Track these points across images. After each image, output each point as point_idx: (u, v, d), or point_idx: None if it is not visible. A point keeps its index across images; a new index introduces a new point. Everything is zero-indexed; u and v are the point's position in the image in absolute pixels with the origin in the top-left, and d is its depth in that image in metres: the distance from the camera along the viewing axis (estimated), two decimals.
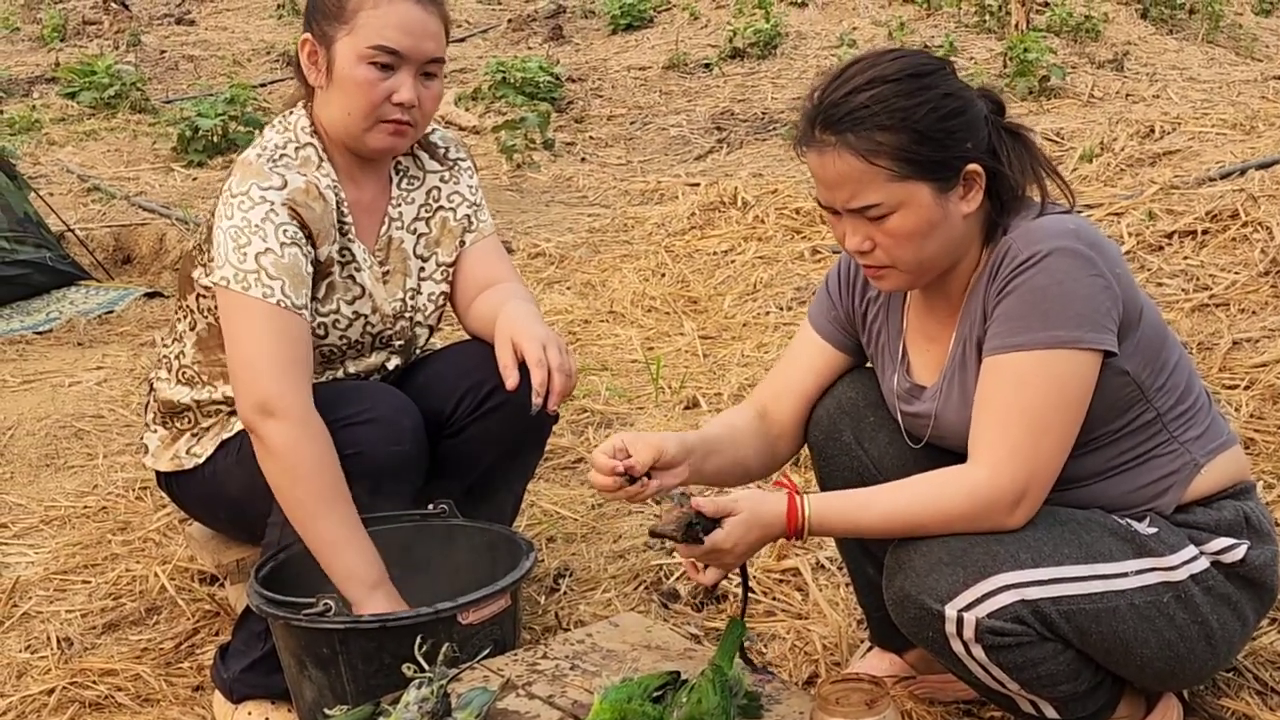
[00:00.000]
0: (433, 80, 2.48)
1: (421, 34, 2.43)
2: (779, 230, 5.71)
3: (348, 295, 2.52)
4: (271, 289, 2.35)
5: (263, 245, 2.36)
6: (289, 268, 2.37)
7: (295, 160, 2.47)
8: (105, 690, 2.72)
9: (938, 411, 2.14)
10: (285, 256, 2.37)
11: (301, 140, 2.50)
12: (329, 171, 2.49)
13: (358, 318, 2.54)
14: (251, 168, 2.43)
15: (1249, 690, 2.30)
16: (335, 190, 2.49)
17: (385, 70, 2.41)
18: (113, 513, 3.60)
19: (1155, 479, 2.09)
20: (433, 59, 2.46)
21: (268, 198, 2.38)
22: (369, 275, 2.54)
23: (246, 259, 2.36)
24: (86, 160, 8.43)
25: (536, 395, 2.29)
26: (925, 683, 2.39)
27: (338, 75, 2.43)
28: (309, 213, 2.41)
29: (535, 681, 2.15)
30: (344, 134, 2.48)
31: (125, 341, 5.48)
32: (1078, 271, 1.95)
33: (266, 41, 12.50)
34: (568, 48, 11.47)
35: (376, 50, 2.40)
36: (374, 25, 2.40)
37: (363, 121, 2.44)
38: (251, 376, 2.34)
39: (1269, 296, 4.17)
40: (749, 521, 2.01)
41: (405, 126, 2.46)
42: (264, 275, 2.35)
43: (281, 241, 2.37)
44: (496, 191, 7.26)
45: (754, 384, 4.04)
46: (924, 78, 1.98)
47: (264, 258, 2.36)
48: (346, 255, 2.52)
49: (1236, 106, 7.00)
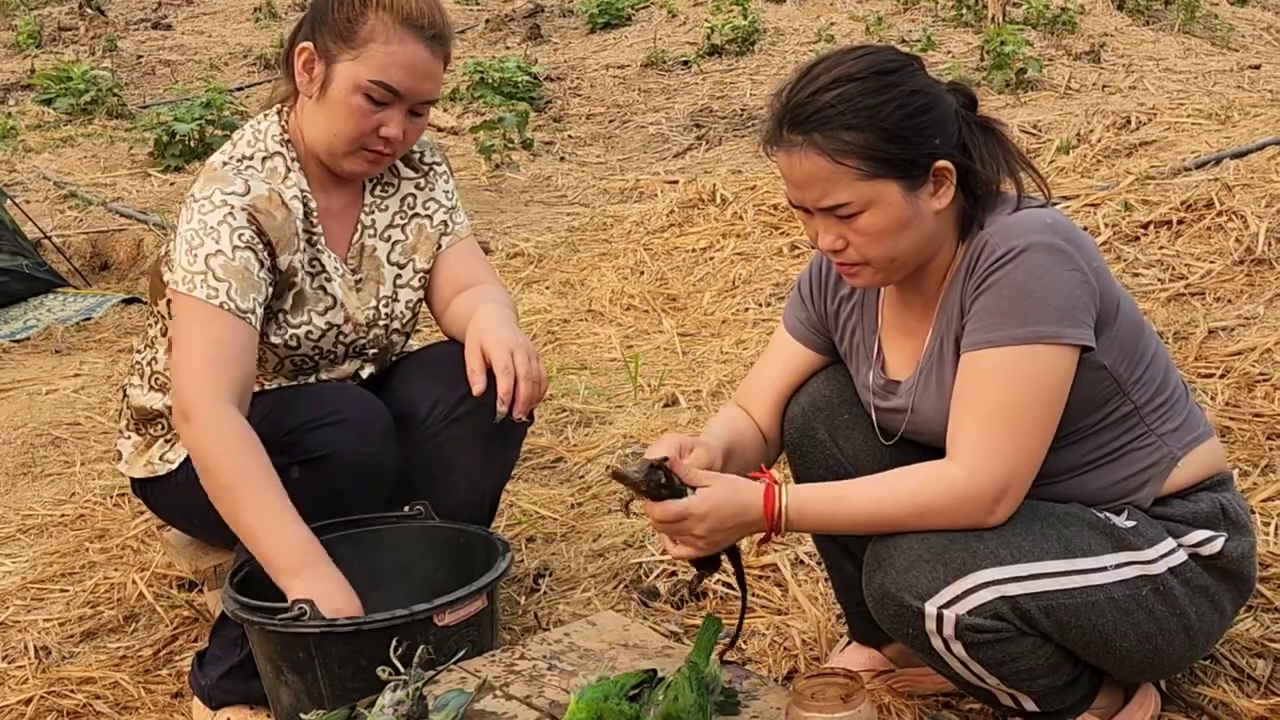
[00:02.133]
0: (420, 117, 2.48)
1: (424, 76, 2.43)
2: (757, 227, 5.70)
3: (319, 306, 2.52)
4: (216, 290, 2.35)
5: (214, 247, 2.36)
6: (238, 271, 2.36)
7: (261, 171, 2.46)
8: (84, 699, 2.71)
9: (913, 406, 2.14)
10: (236, 260, 2.36)
11: (270, 149, 2.49)
12: (298, 180, 2.48)
13: (330, 328, 2.53)
14: (216, 174, 2.43)
15: (1226, 678, 2.31)
16: (304, 199, 2.48)
17: (379, 104, 2.41)
18: (90, 520, 3.58)
19: (1133, 472, 2.09)
20: (427, 100, 2.46)
21: (229, 202, 2.38)
22: (340, 285, 2.54)
23: (196, 260, 2.36)
24: (63, 167, 8.39)
25: (501, 403, 2.29)
26: (904, 676, 2.39)
27: (331, 95, 2.42)
28: (268, 220, 2.41)
29: (513, 682, 2.14)
30: (323, 151, 2.47)
31: (103, 348, 5.46)
32: (1055, 266, 1.95)
33: (244, 45, 12.45)
34: (546, 47, 11.45)
35: (376, 85, 2.39)
36: (380, 61, 2.39)
37: (345, 145, 2.44)
38: (177, 380, 2.35)
39: (1244, 285, 4.19)
40: (724, 495, 1.99)
41: (384, 156, 2.47)
42: (210, 277, 2.35)
43: (234, 245, 2.37)
44: (475, 192, 7.25)
45: (733, 380, 4.06)
46: (890, 75, 1.98)
47: (214, 259, 2.36)
48: (316, 266, 2.51)
49: (1212, 96, 7.03)
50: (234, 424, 2.29)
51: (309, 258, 2.50)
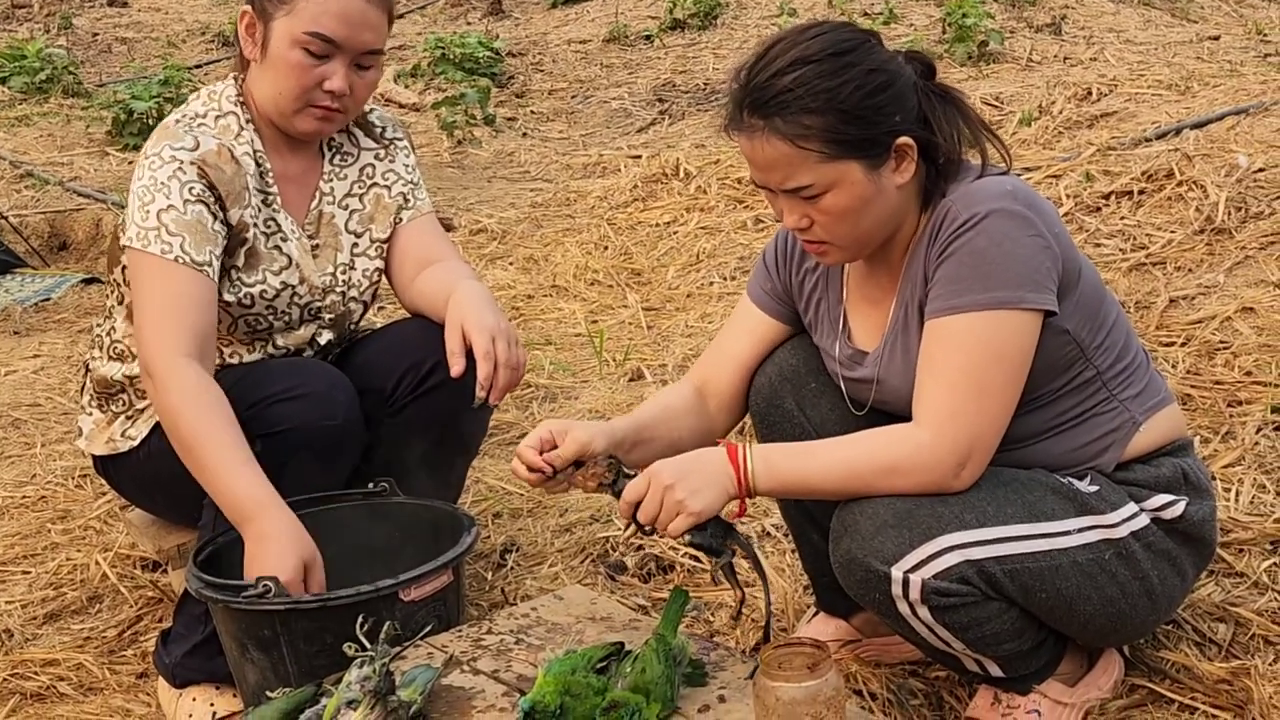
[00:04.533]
0: (368, 70, 2.47)
1: (360, 24, 2.41)
2: (721, 200, 5.70)
3: (274, 266, 2.51)
4: (170, 244, 2.35)
5: (166, 202, 2.37)
6: (191, 224, 2.37)
7: (213, 128, 2.46)
8: (47, 680, 2.69)
9: (880, 376, 2.15)
10: (188, 213, 2.37)
11: (224, 109, 2.49)
12: (250, 139, 2.48)
13: (285, 288, 2.52)
14: (167, 131, 2.44)
15: (1188, 642, 2.33)
16: (256, 158, 2.48)
17: (319, 57, 2.40)
18: (52, 502, 3.55)
19: (1096, 437, 2.10)
20: (369, 50, 2.44)
21: (178, 157, 2.39)
22: (296, 246, 2.53)
23: (149, 216, 2.37)
24: (19, 146, 8.29)
25: (481, 388, 2.28)
26: (871, 645, 2.41)
27: (272, 54, 2.42)
28: (218, 174, 2.41)
29: (480, 657, 2.14)
30: (273, 111, 2.47)
31: (62, 329, 5.41)
32: (1016, 232, 1.95)
33: (201, 22, 12.32)
34: (507, 22, 11.38)
35: (312, 37, 2.38)
36: (312, 11, 2.38)
37: (292, 104, 2.44)
38: (140, 336, 2.36)
39: (1204, 254, 4.21)
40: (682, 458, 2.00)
41: (334, 113, 2.46)
42: (164, 232, 2.36)
43: (185, 199, 2.37)
44: (438, 168, 7.21)
45: (698, 354, 4.04)
46: (847, 55, 1.97)
47: (165, 214, 2.36)
48: (273, 225, 2.51)
49: (1172, 67, 7.05)
50: (193, 377, 2.29)
51: (265, 217, 2.49)
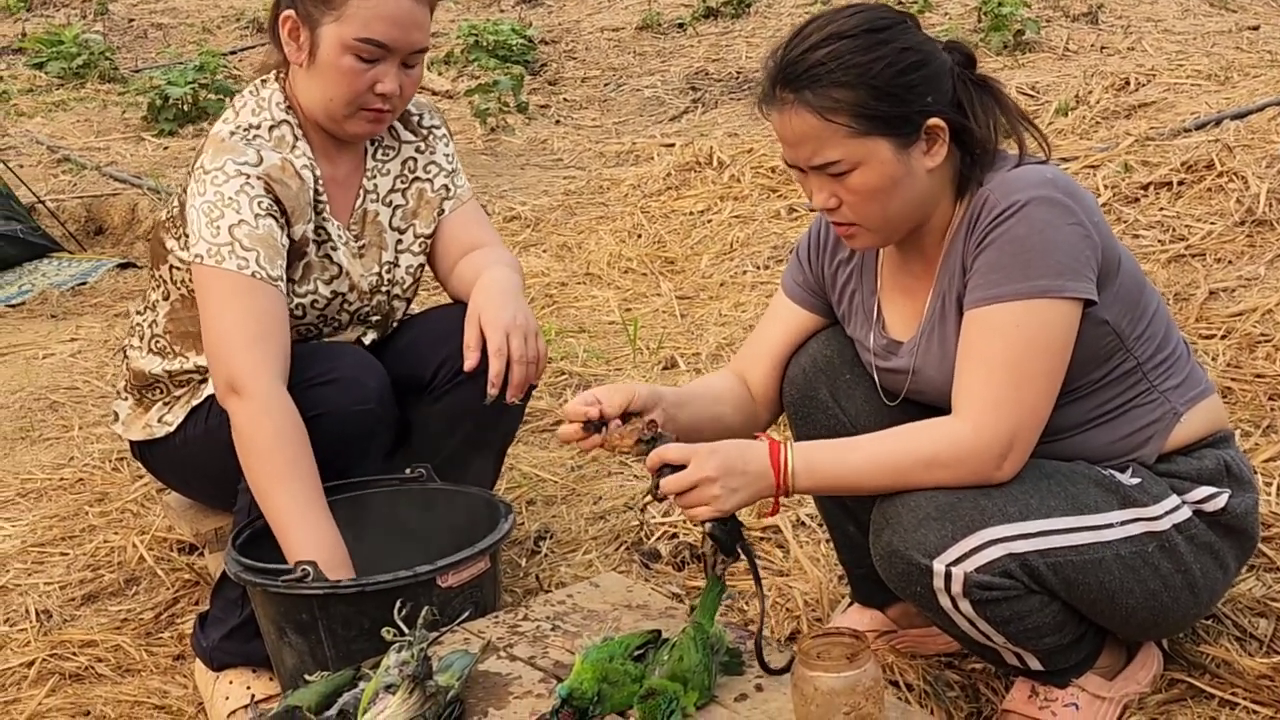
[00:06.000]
0: (413, 68, 2.46)
1: (410, 25, 2.40)
2: (755, 189, 5.68)
3: (325, 275, 2.50)
4: (246, 260, 2.32)
5: (236, 217, 2.34)
6: (264, 239, 2.34)
7: (269, 140, 2.43)
8: (85, 661, 2.72)
9: (916, 366, 2.13)
10: (260, 228, 2.34)
11: (276, 118, 2.46)
12: (305, 150, 2.46)
13: (335, 297, 2.52)
14: (225, 144, 2.40)
15: (1228, 637, 2.31)
16: (311, 169, 2.46)
17: (369, 62, 2.38)
18: (89, 484, 3.58)
19: (1137, 429, 2.08)
20: (418, 49, 2.43)
21: (244, 171, 2.36)
22: (345, 253, 2.52)
23: (220, 232, 2.33)
24: (56, 131, 8.35)
25: (491, 386, 2.27)
26: (906, 637, 2.40)
27: (321, 61, 2.40)
28: (284, 190, 2.39)
29: (516, 643, 2.14)
30: (323, 116, 2.45)
31: (99, 313, 5.45)
32: (1057, 220, 1.94)
33: (236, 8, 12.36)
34: (540, 10, 11.37)
35: (363, 43, 2.37)
36: (363, 17, 2.36)
37: (344, 109, 2.42)
38: (222, 353, 2.32)
39: (1244, 246, 4.18)
40: (729, 450, 1.95)
41: (384, 114, 2.45)
42: (238, 247, 2.33)
43: (256, 213, 2.35)
44: (471, 155, 7.22)
45: (732, 343, 4.05)
46: (881, 32, 1.97)
47: (238, 229, 2.33)
48: (322, 235, 2.50)
49: (1211, 57, 6.99)
50: (287, 407, 2.28)
51: (315, 226, 2.48)
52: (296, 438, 2.28)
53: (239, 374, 2.29)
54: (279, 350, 2.33)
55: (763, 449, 1.98)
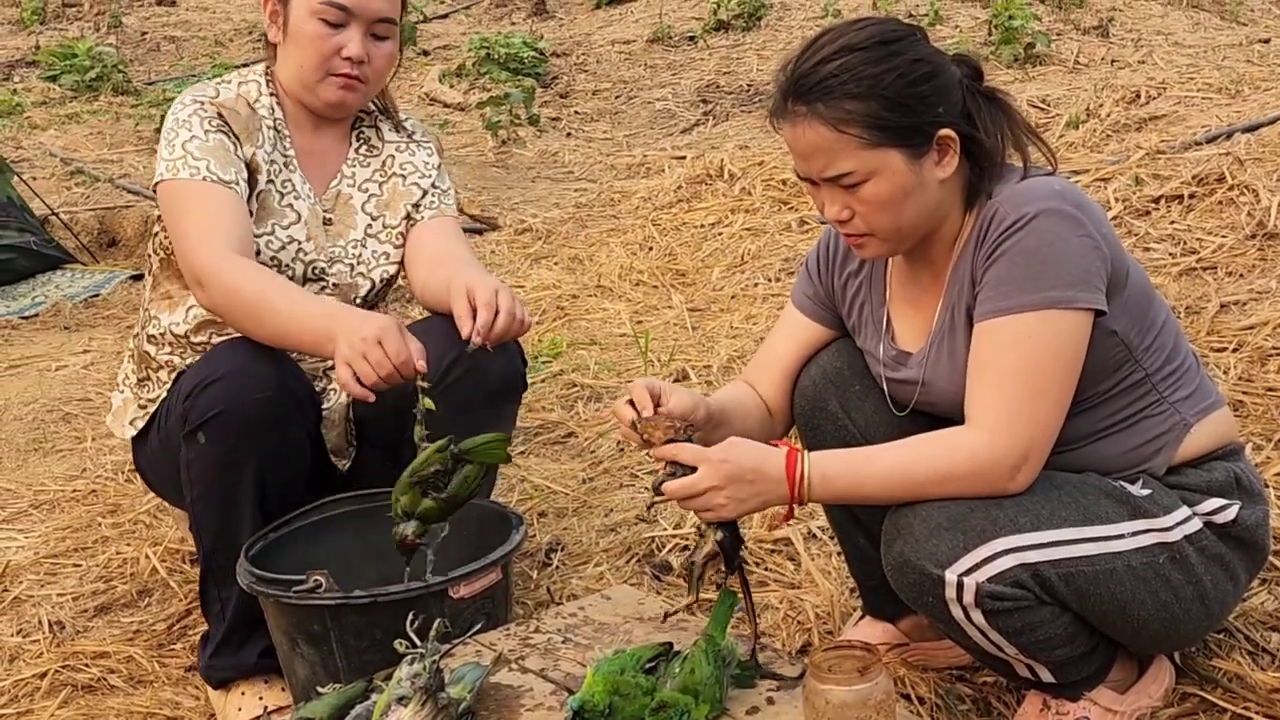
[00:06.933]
0: (384, 41, 2.60)
1: None
2: (766, 202, 5.69)
3: (283, 220, 2.60)
4: (198, 169, 2.48)
5: (188, 134, 2.51)
6: (214, 150, 2.50)
7: (234, 87, 2.62)
8: (98, 673, 2.72)
9: (925, 378, 2.14)
10: (210, 140, 2.51)
11: (249, 78, 2.65)
12: (270, 104, 2.62)
13: (291, 241, 2.60)
14: (194, 88, 2.61)
15: (1240, 650, 2.31)
16: (275, 123, 2.61)
17: (335, 26, 2.54)
18: (102, 495, 3.59)
19: (1147, 440, 2.08)
20: (382, 18, 2.57)
21: (198, 99, 2.56)
22: (307, 208, 2.62)
23: (175, 149, 2.50)
24: (69, 143, 8.39)
25: (477, 334, 2.30)
26: (918, 650, 2.40)
27: (291, 30, 2.57)
28: (233, 115, 2.57)
29: (528, 655, 2.15)
30: (299, 87, 2.61)
31: (112, 324, 5.47)
32: (1066, 232, 1.95)
33: (248, 21, 12.42)
34: (551, 22, 11.41)
35: (326, 6, 2.52)
36: None
37: (314, 74, 2.57)
38: (185, 252, 2.44)
39: (1255, 259, 4.17)
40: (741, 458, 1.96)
41: (355, 81, 2.59)
42: (189, 158, 2.49)
43: (206, 129, 2.52)
44: (482, 168, 7.23)
45: (743, 355, 4.05)
46: (892, 44, 1.98)
47: (190, 144, 2.50)
48: (288, 186, 2.62)
49: (1222, 70, 6.99)
50: (243, 263, 2.39)
51: (283, 178, 2.60)
52: (260, 271, 2.40)
53: (194, 263, 2.40)
54: (233, 233, 2.43)
55: (779, 457, 1.98)
